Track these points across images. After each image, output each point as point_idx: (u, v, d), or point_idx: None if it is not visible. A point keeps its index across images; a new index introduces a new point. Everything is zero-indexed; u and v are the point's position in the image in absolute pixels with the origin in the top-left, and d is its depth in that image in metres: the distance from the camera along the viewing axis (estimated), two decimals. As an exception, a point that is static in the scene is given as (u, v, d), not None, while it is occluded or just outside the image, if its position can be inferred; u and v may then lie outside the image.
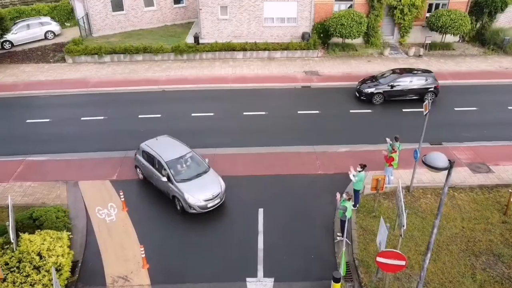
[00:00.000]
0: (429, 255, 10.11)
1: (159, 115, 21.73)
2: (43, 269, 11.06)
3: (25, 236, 11.71)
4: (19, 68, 28.05)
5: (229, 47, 29.02)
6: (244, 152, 18.46)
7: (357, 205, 14.85)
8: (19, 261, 11.06)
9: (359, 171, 14.28)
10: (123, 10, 33.97)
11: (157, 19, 35.69)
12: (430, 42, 30.07)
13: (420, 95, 22.04)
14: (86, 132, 20.35)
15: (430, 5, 30.96)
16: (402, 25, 30.72)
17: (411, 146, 16.80)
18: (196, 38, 30.05)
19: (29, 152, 18.39)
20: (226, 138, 19.46)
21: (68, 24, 36.09)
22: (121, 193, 15.13)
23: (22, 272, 10.87)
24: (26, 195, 15.73)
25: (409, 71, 23.03)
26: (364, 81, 23.20)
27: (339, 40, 30.25)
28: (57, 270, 11.24)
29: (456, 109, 22.18)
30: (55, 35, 33.09)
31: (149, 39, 31.74)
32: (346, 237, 12.90)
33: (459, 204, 14.83)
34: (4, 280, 10.59)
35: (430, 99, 19.31)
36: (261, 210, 14.94)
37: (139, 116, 21.70)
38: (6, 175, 16.86)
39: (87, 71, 27.42)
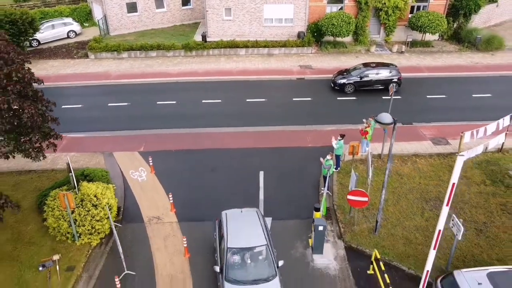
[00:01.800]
0: (384, 191, 13.90)
1: (174, 102, 25.50)
2: (99, 206, 14.83)
3: (84, 183, 15.49)
4: (47, 63, 31.83)
5: (233, 45, 32.84)
6: (247, 130, 22.25)
7: (339, 168, 18.64)
8: (82, 200, 14.79)
9: (339, 140, 18.08)
10: (137, 11, 37.79)
11: (167, 20, 39.48)
12: (411, 40, 33.87)
13: (385, 85, 25.38)
14: (114, 115, 24.12)
15: (412, 7, 34.70)
16: (387, 25, 34.50)
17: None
18: (204, 37, 33.88)
19: (68, 130, 22.12)
20: (232, 120, 23.24)
21: (87, 24, 39.87)
22: (150, 159, 18.93)
23: (84, 208, 14.63)
24: (72, 162, 19.30)
25: (377, 65, 26.79)
26: (339, 73, 27.01)
27: (331, 38, 33.99)
28: (109, 209, 14.99)
29: (428, 96, 25.94)
30: (76, 34, 36.87)
31: (161, 38, 35.49)
32: (328, 190, 16.74)
33: (419, 167, 18.63)
34: (73, 212, 14.35)
35: (394, 85, 22.59)
36: (261, 173, 18.72)
37: (157, 102, 25.46)
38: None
39: (108, 65, 31.20)
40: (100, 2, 36.85)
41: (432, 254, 9.03)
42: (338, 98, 25.69)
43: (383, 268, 13.38)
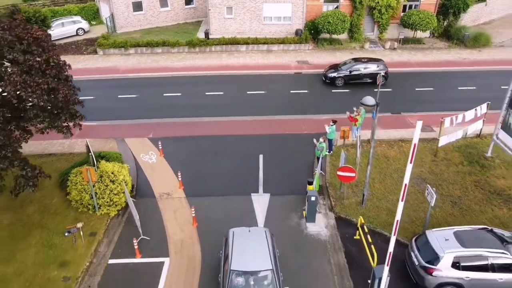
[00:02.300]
0: (369, 167, 15.75)
1: (179, 94, 27.34)
2: (116, 182, 16.67)
3: (103, 162, 17.32)
4: (59, 58, 33.63)
5: (234, 42, 34.68)
6: (247, 119, 24.08)
7: (331, 151, 20.48)
8: (101, 176, 16.62)
9: (332, 125, 19.94)
10: (142, 10, 39.64)
11: (171, 18, 41.33)
12: (403, 37, 35.69)
13: (372, 78, 26.98)
14: (124, 106, 25.95)
15: (404, 6, 36.54)
16: (380, 23, 36.33)
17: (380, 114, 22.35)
18: (206, 34, 35.73)
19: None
20: (234, 109, 25.07)
21: (94, 23, 41.70)
22: (159, 144, 20.78)
23: (103, 183, 16.47)
24: (96, 146, 21.30)
25: (365, 60, 28.68)
26: (330, 68, 28.86)
27: (327, 35, 35.79)
28: (125, 184, 16.82)
29: (417, 89, 27.78)
30: (84, 32, 38.70)
31: (166, 35, 37.29)
32: (321, 170, 18.59)
33: (404, 151, 20.48)
34: (93, 186, 16.19)
35: (382, 76, 24.18)
36: (261, 156, 20.56)
37: (164, 94, 27.30)
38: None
39: (116, 61, 33.03)
40: (107, 1, 38.69)
41: (400, 205, 10.83)
42: (332, 91, 27.51)
43: (367, 231, 15.23)
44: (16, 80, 11.73)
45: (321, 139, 18.72)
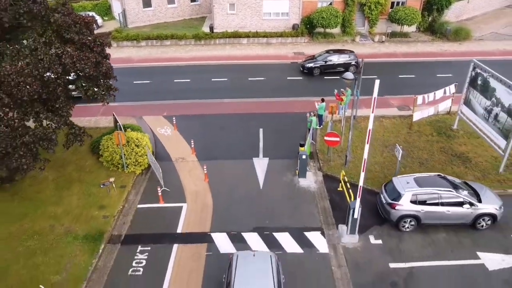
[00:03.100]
0: (351, 132, 19.12)
1: (188, 80, 30.70)
2: (140, 146, 20.03)
3: (128, 130, 20.69)
4: (77, 50, 36.98)
5: (236, 35, 38.06)
6: (249, 100, 27.43)
7: (321, 125, 23.83)
8: (127, 141, 19.97)
9: (321, 103, 23.29)
10: (151, 7, 43.00)
11: (177, 14, 44.70)
12: (391, 31, 39.08)
13: (345, 68, 30.28)
14: (139, 90, 29.27)
15: (393, 3, 39.89)
16: (370, 18, 39.71)
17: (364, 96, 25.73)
18: (211, 28, 39.10)
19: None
20: (237, 93, 28.42)
21: (106, 18, 45.05)
22: (173, 119, 24.15)
23: (130, 146, 19.82)
24: (111, 122, 24.66)
25: (338, 51, 31.90)
26: (307, 59, 32.00)
27: (321, 29, 39.17)
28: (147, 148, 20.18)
29: (400, 76, 31.16)
30: (98, 27, 42.00)
31: (173, 29, 40.62)
32: (312, 139, 21.96)
33: (384, 125, 23.84)
34: (122, 148, 19.53)
35: (353, 65, 27.62)
36: (261, 129, 23.91)
37: (175, 80, 30.66)
38: (95, 112, 25.81)
39: (129, 52, 36.37)
40: (119, -2, 42.04)
41: (366, 147, 14.21)
42: (325, 78, 30.87)
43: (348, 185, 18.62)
44: (72, 54, 15.03)
45: (312, 113, 22.06)
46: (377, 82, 12.79)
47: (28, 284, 13.84)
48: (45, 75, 14.61)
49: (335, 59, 31.10)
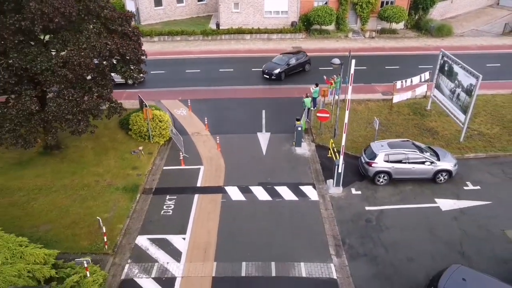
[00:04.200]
0: (338, 110, 23.12)
1: (198, 70, 34.71)
2: (162, 121, 24.02)
3: (152, 108, 24.70)
4: (96, 44, 40.98)
5: (240, 31, 42.08)
6: (253, 87, 31.46)
7: (315, 107, 27.84)
8: (152, 118, 23.96)
9: (315, 87, 27.33)
10: (162, 6, 47.02)
11: (185, 12, 48.73)
12: (380, 28, 43.10)
13: (302, 67, 33.33)
14: (155, 79, 33.24)
15: (382, 2, 43.90)
16: (362, 16, 43.71)
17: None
18: (217, 25, 43.13)
19: (123, 89, 31.19)
20: (241, 81, 32.44)
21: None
22: (188, 102, 28.17)
23: (154, 121, 23.81)
24: (134, 105, 28.61)
25: (292, 53, 34.74)
26: (267, 67, 32.56)
27: (318, 26, 43.18)
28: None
29: (386, 67, 35.17)
30: (114, 24, 45.98)
31: (182, 26, 44.61)
32: (307, 118, 25.98)
33: (369, 106, 27.87)
34: (149, 122, 23.52)
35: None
36: (263, 110, 27.93)
37: (186, 71, 34.68)
38: (119, 97, 29.58)
39: (144, 47, 40.13)
40: (133, -2, 46.05)
41: (347, 114, 18.21)
42: (319, 68, 34.84)
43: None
44: (117, 41, 18.98)
45: (305, 95, 26.11)
46: (353, 61, 16.76)
47: (86, 218, 17.86)
48: (96, 58, 18.56)
49: (294, 61, 32.93)
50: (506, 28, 42.99)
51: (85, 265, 13.94)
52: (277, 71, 32.06)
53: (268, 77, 32.15)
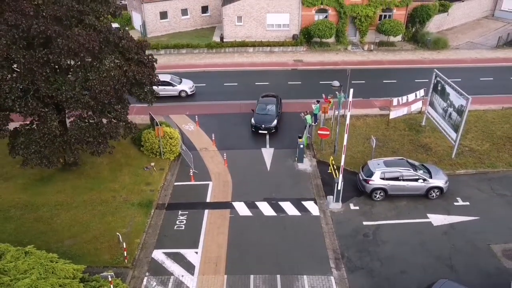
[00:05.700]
0: (338, 127, 24.68)
1: (204, 84, 36.26)
2: (173, 138, 25.55)
3: (163, 126, 26.26)
4: (104, 57, 42.54)
5: (243, 44, 43.65)
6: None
7: (316, 123, 29.39)
8: (163, 135, 25.50)
9: (316, 104, 28.89)
10: (167, 18, 48.59)
11: (190, 24, 50.30)
12: (378, 41, 44.66)
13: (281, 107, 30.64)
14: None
15: (380, 16, 45.49)
16: (361, 29, 45.27)
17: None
18: (221, 38, 44.70)
19: (134, 103, 32.70)
20: (246, 95, 33.95)
21: (127, 28, 50.52)
22: (196, 118, 29.71)
23: (165, 138, 25.33)
24: (143, 120, 30.15)
25: (269, 95, 31.36)
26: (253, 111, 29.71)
27: (318, 39, 44.73)
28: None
29: (384, 81, 36.74)
30: (121, 36, 47.53)
31: (187, 39, 46.19)
32: (309, 134, 27.53)
33: (367, 122, 29.42)
34: (160, 140, 25.07)
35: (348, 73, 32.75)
36: (267, 126, 29.52)
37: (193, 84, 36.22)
38: (130, 112, 31.20)
39: (150, 59, 41.81)
40: (139, 11, 47.61)
41: (345, 137, 19.75)
42: (320, 82, 36.42)
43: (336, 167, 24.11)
44: (134, 69, 20.56)
45: (306, 112, 27.67)
46: (351, 90, 18.33)
47: (106, 233, 19.42)
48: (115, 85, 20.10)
49: (276, 104, 29.91)
50: (499, 41, 44.55)
51: (109, 279, 15.47)
52: (274, 123, 28.54)
53: (266, 132, 28.25)
